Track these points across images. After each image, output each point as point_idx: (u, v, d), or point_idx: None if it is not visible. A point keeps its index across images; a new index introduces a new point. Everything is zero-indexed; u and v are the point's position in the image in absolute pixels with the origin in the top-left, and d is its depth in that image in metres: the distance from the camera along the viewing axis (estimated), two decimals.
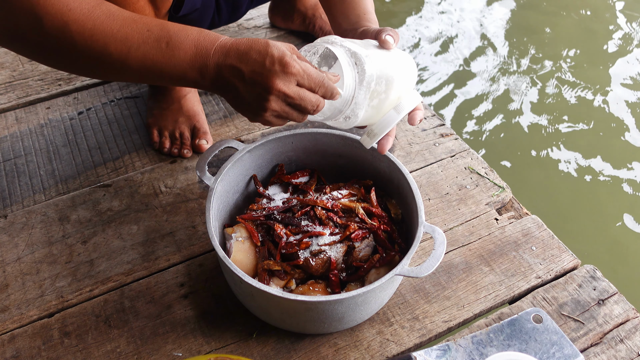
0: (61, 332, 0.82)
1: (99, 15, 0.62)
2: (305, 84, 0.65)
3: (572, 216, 1.55)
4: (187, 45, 0.65)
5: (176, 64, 0.65)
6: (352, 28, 0.89)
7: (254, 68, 0.64)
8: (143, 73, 0.66)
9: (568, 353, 0.78)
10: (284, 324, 0.80)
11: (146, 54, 0.64)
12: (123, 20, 0.64)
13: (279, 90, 0.64)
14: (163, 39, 0.64)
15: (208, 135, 1.10)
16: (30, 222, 0.97)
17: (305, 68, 0.65)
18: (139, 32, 0.64)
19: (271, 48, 0.63)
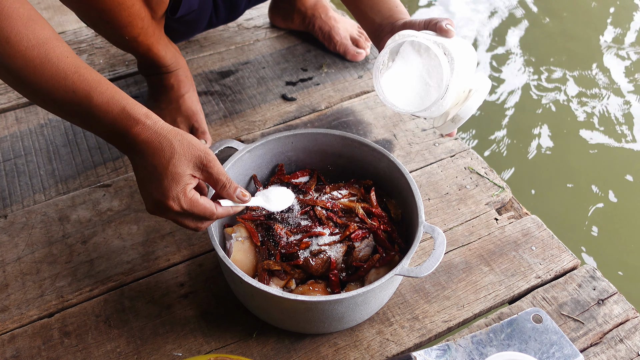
0: (61, 332, 0.82)
1: (33, 58, 0.62)
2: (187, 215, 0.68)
3: (572, 216, 1.55)
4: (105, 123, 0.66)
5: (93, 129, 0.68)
6: (387, 22, 0.89)
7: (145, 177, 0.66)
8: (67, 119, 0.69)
9: (568, 353, 0.78)
10: (284, 324, 0.80)
11: (68, 110, 0.66)
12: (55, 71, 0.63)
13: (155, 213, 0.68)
14: (83, 106, 0.65)
15: (207, 134, 1.10)
16: (30, 222, 0.97)
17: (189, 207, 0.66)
18: (64, 90, 0.64)
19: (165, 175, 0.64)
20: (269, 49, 1.37)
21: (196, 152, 0.67)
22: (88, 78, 0.65)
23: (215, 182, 0.69)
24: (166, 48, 1.04)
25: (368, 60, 1.33)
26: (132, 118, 0.65)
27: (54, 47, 0.64)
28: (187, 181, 0.66)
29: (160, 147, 0.65)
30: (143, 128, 0.65)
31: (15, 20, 0.61)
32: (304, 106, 1.21)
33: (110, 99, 0.65)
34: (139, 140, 0.65)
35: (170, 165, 0.64)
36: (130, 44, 0.95)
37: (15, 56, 0.61)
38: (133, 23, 0.90)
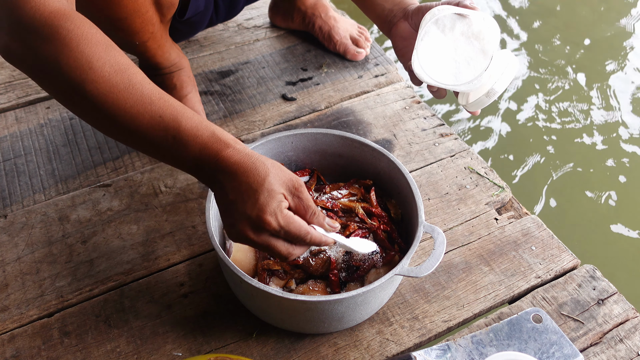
0: (61, 331, 0.82)
1: (117, 83, 0.60)
2: (282, 237, 0.64)
3: (572, 216, 1.55)
4: (193, 148, 0.62)
5: (176, 156, 0.64)
6: (399, 7, 0.88)
7: (236, 199, 0.62)
8: (146, 150, 0.65)
9: (568, 353, 0.78)
10: (284, 324, 0.80)
11: (152, 139, 0.62)
12: (140, 96, 0.61)
13: (247, 236, 0.63)
14: (171, 132, 0.62)
15: None
16: (30, 222, 0.97)
17: (285, 224, 0.62)
18: (150, 116, 0.61)
19: (261, 193, 0.61)
20: (268, 49, 1.36)
21: (288, 175, 0.64)
22: (174, 104, 0.63)
23: (305, 208, 0.65)
24: (170, 49, 1.04)
25: (368, 60, 1.33)
26: (223, 142, 0.63)
27: (135, 72, 0.62)
28: (281, 199, 0.62)
29: (254, 167, 0.62)
30: (234, 151, 0.62)
31: (96, 45, 0.59)
32: (303, 106, 1.21)
33: (199, 124, 0.63)
34: (231, 162, 0.62)
35: (266, 183, 0.61)
36: (139, 48, 0.96)
37: (98, 81, 0.59)
38: (145, 29, 0.90)
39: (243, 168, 0.62)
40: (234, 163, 0.62)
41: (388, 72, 1.30)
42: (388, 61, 1.33)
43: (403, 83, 1.28)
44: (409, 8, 0.87)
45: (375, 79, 1.28)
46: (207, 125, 0.63)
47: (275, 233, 0.63)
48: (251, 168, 0.62)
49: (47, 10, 0.58)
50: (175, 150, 0.63)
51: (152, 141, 0.62)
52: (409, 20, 0.87)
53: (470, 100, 0.81)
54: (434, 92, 0.83)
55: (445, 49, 0.79)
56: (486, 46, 0.76)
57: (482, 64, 0.76)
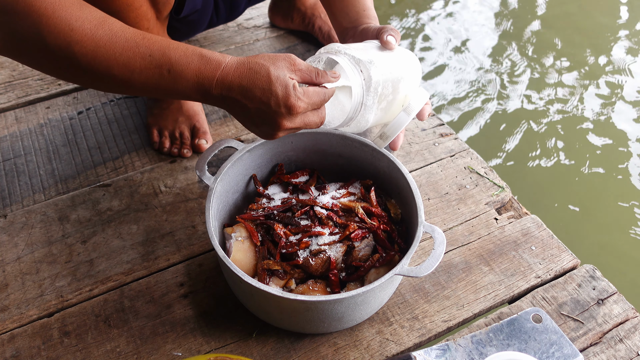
0: (61, 331, 0.82)
1: (101, 36, 0.62)
2: (309, 109, 0.69)
3: (572, 216, 1.55)
4: (189, 75, 0.65)
5: (179, 89, 0.66)
6: (352, 26, 0.89)
7: (260, 106, 0.65)
8: (148, 92, 0.68)
9: (567, 353, 0.78)
10: (284, 324, 0.80)
11: (149, 79, 0.65)
12: (125, 42, 0.63)
13: (286, 128, 0.68)
14: (164, 66, 0.64)
15: (208, 135, 1.10)
16: (30, 222, 0.97)
17: (308, 99, 0.67)
18: (141, 57, 0.64)
19: (274, 86, 0.64)
20: (268, 49, 1.36)
21: (280, 58, 0.67)
22: (156, 39, 0.65)
23: (309, 74, 0.69)
24: None
25: None
26: (214, 61, 0.65)
27: (112, 22, 0.64)
28: (291, 82, 0.66)
29: (254, 71, 0.65)
30: (228, 67, 0.65)
31: (69, 6, 0.61)
32: None
33: (186, 50, 0.65)
34: (231, 78, 0.65)
35: (272, 77, 0.64)
36: None
37: (82, 40, 0.61)
38: (140, 24, 0.90)
39: (246, 78, 0.65)
40: (236, 77, 0.65)
41: None
42: None
43: None
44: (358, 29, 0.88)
45: None
46: (193, 49, 0.66)
47: (304, 110, 0.67)
48: (252, 74, 0.65)
49: None
50: (174, 83, 0.65)
51: (149, 81, 0.65)
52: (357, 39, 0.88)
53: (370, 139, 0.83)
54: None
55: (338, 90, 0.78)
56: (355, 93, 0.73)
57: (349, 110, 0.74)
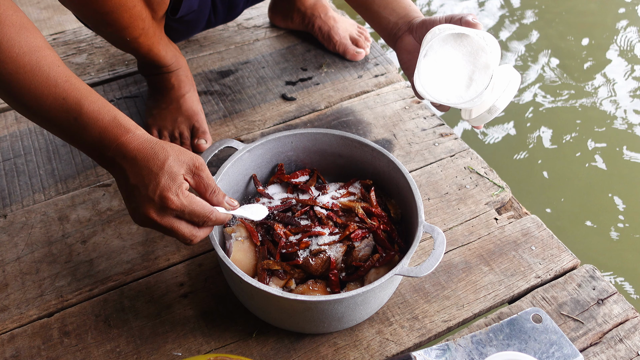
0: (61, 331, 0.82)
1: (23, 64, 0.63)
2: (186, 218, 0.66)
3: (572, 216, 1.55)
4: (94, 130, 0.65)
5: (79, 139, 0.66)
6: (404, 21, 0.89)
7: (138, 185, 0.64)
8: (52, 130, 0.68)
9: (567, 353, 0.78)
10: (284, 324, 0.80)
11: (54, 119, 0.65)
12: (46, 78, 0.63)
13: (152, 218, 0.64)
14: (72, 113, 0.64)
15: (207, 134, 1.10)
16: (29, 222, 0.97)
17: (188, 204, 0.64)
18: (54, 97, 0.64)
19: (162, 173, 0.63)
20: (268, 49, 1.36)
21: (187, 155, 0.67)
22: (79, 87, 0.65)
23: (205, 186, 0.68)
24: (167, 48, 1.04)
25: (368, 60, 1.33)
26: (123, 127, 0.65)
27: (45, 55, 0.64)
28: (182, 180, 0.65)
29: (154, 152, 0.65)
30: (134, 137, 0.65)
31: (7, 26, 0.62)
32: (303, 106, 1.21)
33: (102, 108, 0.65)
34: (131, 147, 0.65)
35: (166, 165, 0.64)
36: (131, 44, 0.95)
37: (5, 62, 0.62)
38: (134, 24, 0.90)
39: (143, 153, 0.64)
40: (134, 149, 0.64)
41: (388, 72, 1.30)
42: (388, 61, 1.33)
43: (403, 83, 1.28)
44: (414, 21, 0.87)
45: (375, 78, 1.28)
46: (110, 110, 0.66)
47: (179, 214, 0.64)
48: (151, 153, 0.64)
49: None
50: (76, 132, 0.65)
51: (55, 122, 0.65)
52: (413, 33, 0.87)
53: (473, 116, 0.82)
54: (436, 106, 0.84)
55: (446, 67, 0.80)
56: (487, 64, 0.77)
57: (483, 82, 0.77)
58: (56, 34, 1.40)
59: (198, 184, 0.67)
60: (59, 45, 1.37)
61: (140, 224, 0.66)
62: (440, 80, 0.80)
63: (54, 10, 1.50)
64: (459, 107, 0.80)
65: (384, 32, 0.94)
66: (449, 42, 0.79)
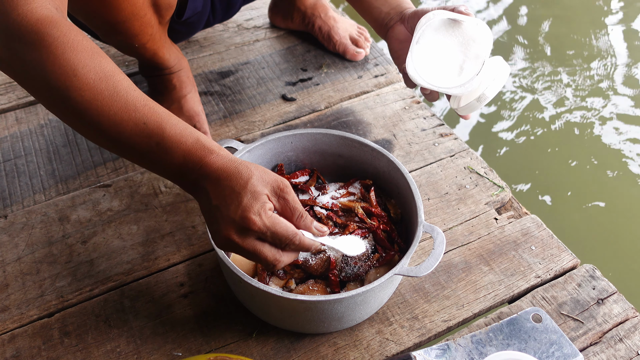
0: (61, 331, 0.82)
1: (101, 90, 0.60)
2: (268, 240, 0.62)
3: (572, 216, 1.55)
4: (176, 154, 0.62)
5: (159, 163, 0.63)
6: (396, 11, 0.89)
7: (220, 205, 0.61)
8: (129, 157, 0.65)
9: (567, 352, 0.78)
10: (284, 324, 0.80)
11: (135, 145, 0.62)
12: (125, 104, 0.61)
13: (232, 239, 0.61)
14: (154, 138, 0.61)
15: (208, 134, 1.10)
16: (30, 222, 0.97)
17: (271, 225, 0.60)
18: (134, 123, 0.61)
19: (245, 193, 0.60)
20: (268, 49, 1.37)
21: (273, 177, 0.63)
22: (159, 111, 0.62)
23: (292, 210, 0.63)
24: (170, 50, 1.04)
25: (368, 60, 1.33)
26: (207, 148, 0.62)
27: (120, 80, 0.62)
28: (265, 200, 0.61)
29: (237, 171, 0.61)
30: (218, 157, 0.62)
31: (81, 52, 0.59)
32: (303, 106, 1.21)
33: (183, 130, 0.62)
34: (215, 167, 0.61)
35: (249, 185, 0.60)
36: (139, 50, 0.96)
37: (82, 89, 0.59)
38: (144, 31, 0.90)
39: (226, 173, 0.61)
40: (218, 169, 0.61)
41: (388, 72, 1.30)
42: (388, 61, 1.33)
43: (403, 83, 1.28)
44: (406, 12, 0.88)
45: (375, 79, 1.28)
46: (192, 132, 0.63)
47: (261, 235, 0.61)
48: (234, 172, 0.61)
49: (34, 17, 0.58)
50: (158, 156, 0.62)
51: (135, 148, 0.62)
52: (405, 23, 0.88)
53: (462, 104, 0.83)
54: (426, 94, 0.84)
55: (439, 53, 0.81)
56: (479, 52, 0.78)
57: (474, 69, 0.78)
58: None
59: (284, 207, 0.63)
60: None
61: (221, 247, 0.63)
62: (432, 65, 0.81)
63: None
64: (449, 92, 0.80)
65: (375, 22, 0.94)
66: (441, 31, 0.80)
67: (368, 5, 0.94)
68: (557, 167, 1.68)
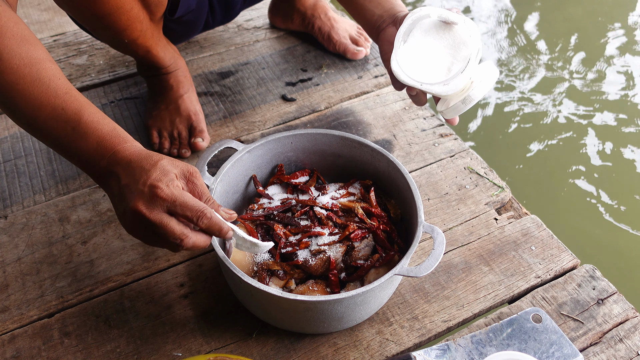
0: (61, 332, 0.83)
1: (23, 75, 0.63)
2: (178, 212, 0.61)
3: (572, 216, 1.55)
4: (91, 139, 0.64)
5: (72, 150, 0.65)
6: (388, 14, 0.89)
7: (129, 182, 0.62)
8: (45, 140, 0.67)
9: (567, 352, 0.78)
10: (284, 324, 0.80)
11: (50, 129, 0.65)
12: (44, 89, 0.64)
13: (140, 212, 0.60)
14: (71, 123, 0.64)
15: (204, 132, 1.10)
16: (30, 223, 0.97)
17: (179, 195, 0.61)
18: (52, 107, 0.64)
19: (154, 170, 0.61)
20: (268, 50, 1.37)
21: (183, 163, 0.66)
22: (79, 99, 0.66)
23: (200, 194, 0.65)
24: (165, 49, 1.04)
25: (368, 60, 1.33)
26: (121, 137, 0.65)
27: (46, 67, 0.65)
28: (174, 177, 0.63)
29: (148, 155, 0.64)
30: (131, 146, 0.65)
31: (9, 38, 0.63)
32: (303, 107, 1.22)
33: (101, 119, 0.66)
34: (127, 153, 0.64)
35: (159, 164, 0.62)
36: (130, 46, 0.96)
37: (5, 72, 0.62)
38: (132, 26, 0.90)
39: (137, 157, 0.64)
40: (130, 154, 0.64)
41: (388, 73, 1.30)
42: None
43: None
44: (399, 15, 0.88)
45: (375, 79, 1.29)
46: (109, 122, 0.66)
47: (170, 206, 0.60)
48: (145, 156, 0.64)
49: None
50: (73, 142, 0.65)
51: (51, 132, 0.65)
52: (397, 26, 0.87)
53: (449, 106, 0.81)
54: (413, 96, 0.83)
55: (427, 54, 0.80)
56: (465, 52, 0.77)
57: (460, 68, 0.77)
58: (57, 36, 1.41)
59: (192, 190, 0.65)
60: (60, 46, 1.37)
61: (128, 226, 0.63)
62: (417, 64, 0.79)
63: (54, 12, 1.51)
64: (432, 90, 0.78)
65: (367, 25, 0.94)
66: (431, 33, 0.79)
67: (362, 7, 0.94)
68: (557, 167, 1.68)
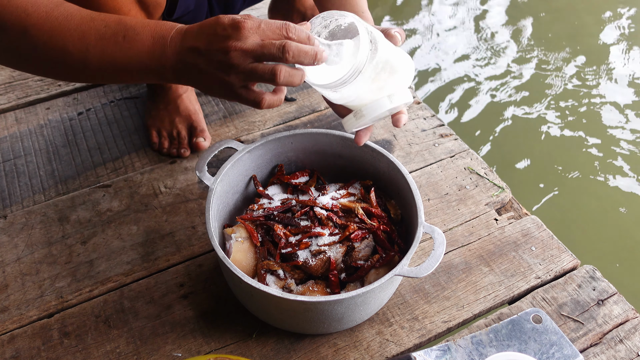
0: (61, 332, 0.82)
1: (56, 16, 0.63)
2: (269, 34, 0.61)
3: (572, 216, 1.55)
4: (144, 36, 0.64)
5: (134, 55, 0.64)
6: None
7: (209, 39, 0.61)
8: (104, 69, 0.66)
9: (567, 353, 0.78)
10: (284, 324, 0.80)
11: (104, 49, 0.64)
12: (81, 18, 0.64)
13: (236, 48, 0.59)
14: (120, 33, 0.63)
15: (205, 132, 1.10)
16: (29, 223, 0.97)
17: (262, 20, 0.61)
18: (96, 29, 0.63)
19: (221, 17, 0.61)
20: None
21: None
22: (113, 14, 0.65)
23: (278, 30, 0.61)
24: None
25: None
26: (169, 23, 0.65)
27: (69, 4, 0.65)
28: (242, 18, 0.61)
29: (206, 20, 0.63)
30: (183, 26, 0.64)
31: None
32: (303, 106, 1.21)
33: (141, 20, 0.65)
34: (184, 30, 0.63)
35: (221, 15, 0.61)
36: None
37: (38, 22, 0.62)
38: None
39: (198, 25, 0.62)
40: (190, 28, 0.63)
41: None
42: None
43: None
44: None
45: None
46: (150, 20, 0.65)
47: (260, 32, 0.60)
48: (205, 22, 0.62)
49: None
50: (129, 48, 0.64)
51: (104, 52, 0.64)
52: None
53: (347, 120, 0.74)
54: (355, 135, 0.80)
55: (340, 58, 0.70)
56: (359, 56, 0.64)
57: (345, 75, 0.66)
58: None
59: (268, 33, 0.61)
60: None
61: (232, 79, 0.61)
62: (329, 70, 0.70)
63: None
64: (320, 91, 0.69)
65: None
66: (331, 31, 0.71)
67: None
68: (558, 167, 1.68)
